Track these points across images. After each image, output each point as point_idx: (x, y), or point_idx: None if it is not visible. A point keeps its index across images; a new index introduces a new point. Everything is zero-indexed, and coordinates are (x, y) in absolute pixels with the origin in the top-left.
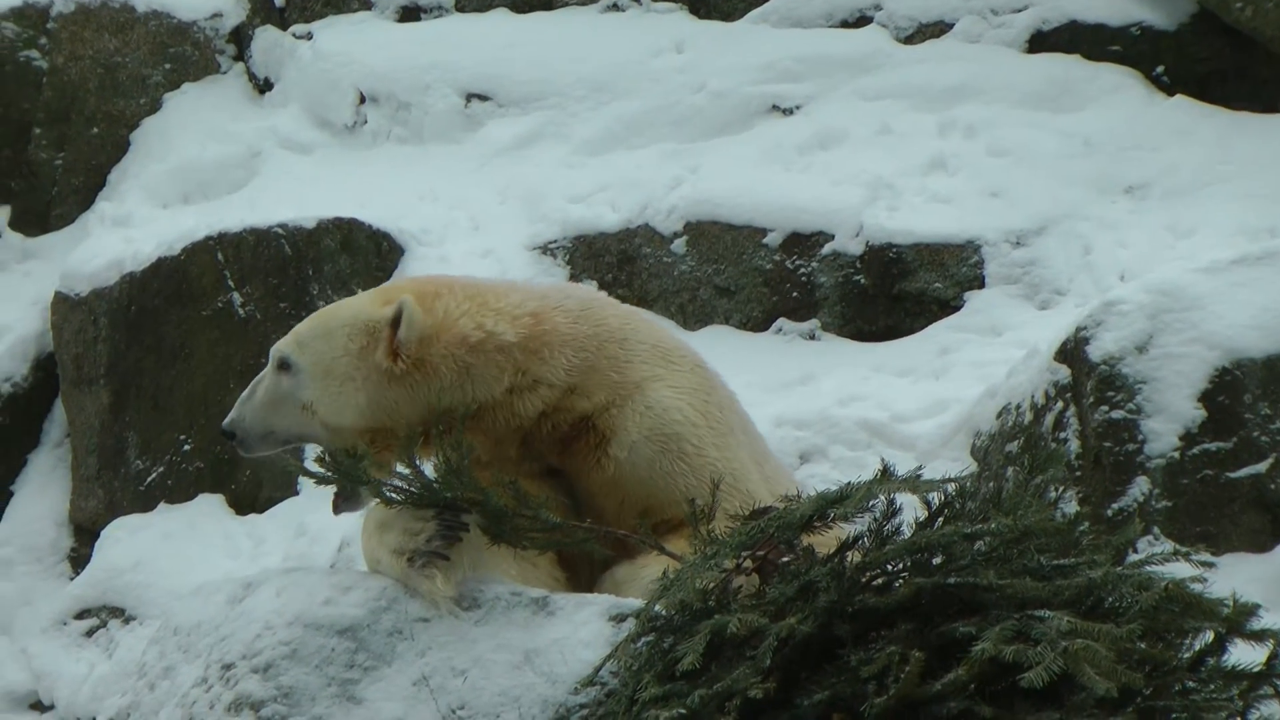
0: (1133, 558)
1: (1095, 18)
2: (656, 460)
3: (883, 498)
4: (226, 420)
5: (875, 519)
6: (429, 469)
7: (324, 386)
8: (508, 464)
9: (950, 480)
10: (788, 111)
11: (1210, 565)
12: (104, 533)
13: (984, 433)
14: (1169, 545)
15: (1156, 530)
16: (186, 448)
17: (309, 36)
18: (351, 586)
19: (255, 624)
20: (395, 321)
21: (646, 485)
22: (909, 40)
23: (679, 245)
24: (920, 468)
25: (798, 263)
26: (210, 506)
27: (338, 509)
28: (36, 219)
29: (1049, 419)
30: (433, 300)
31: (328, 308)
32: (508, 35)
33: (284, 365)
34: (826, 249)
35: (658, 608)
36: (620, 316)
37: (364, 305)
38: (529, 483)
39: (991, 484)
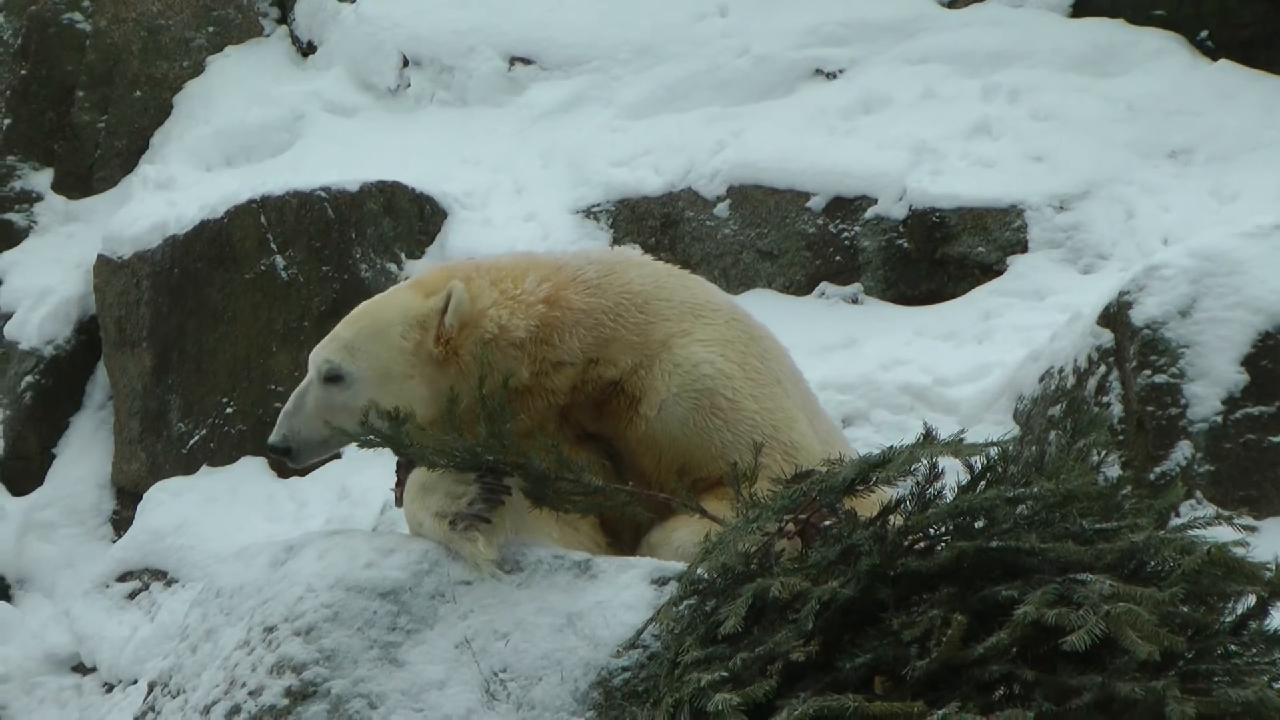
0: (1175, 522)
1: None
2: (689, 417)
3: (925, 462)
4: (276, 436)
5: (918, 483)
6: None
7: (385, 389)
8: (548, 434)
9: (993, 444)
10: (831, 76)
11: (1253, 529)
12: (146, 495)
13: (1026, 397)
14: (1211, 509)
15: (1199, 494)
16: (229, 410)
17: (353, 0)
18: (393, 549)
19: (297, 587)
20: (443, 311)
21: (680, 443)
22: (953, 5)
23: (722, 209)
24: (963, 431)
25: (841, 227)
26: (252, 469)
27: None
28: (79, 182)
29: (1092, 383)
30: (466, 286)
31: (364, 308)
32: None
33: (335, 377)
34: (870, 213)
35: (700, 571)
36: (647, 276)
37: (408, 300)
38: (570, 447)
39: (1034, 448)
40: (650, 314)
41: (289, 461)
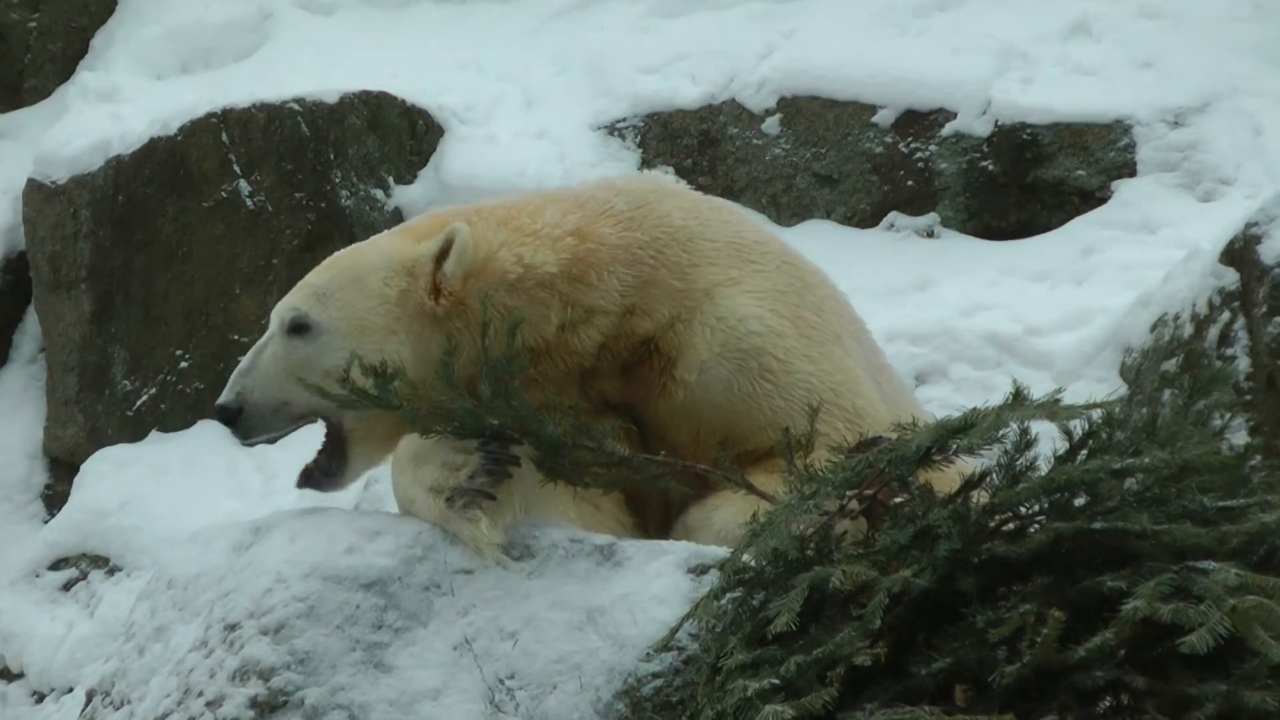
0: None
1: None
2: (733, 381)
3: (1014, 427)
4: (226, 397)
5: (1005, 452)
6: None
7: (360, 343)
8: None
9: (1095, 405)
10: None
11: None
12: (85, 467)
13: (1135, 349)
14: None
15: None
16: (183, 365)
17: None
18: (380, 531)
19: (265, 576)
20: (440, 256)
21: (724, 411)
22: None
23: (771, 125)
24: (1059, 391)
25: (913, 146)
26: (212, 435)
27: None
28: (6, 93)
29: (1213, 332)
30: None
31: (341, 254)
32: None
33: (299, 327)
34: (947, 129)
35: (746, 557)
36: (686, 209)
37: (395, 244)
38: (589, 418)
39: (1145, 410)
40: (695, 254)
41: (235, 433)
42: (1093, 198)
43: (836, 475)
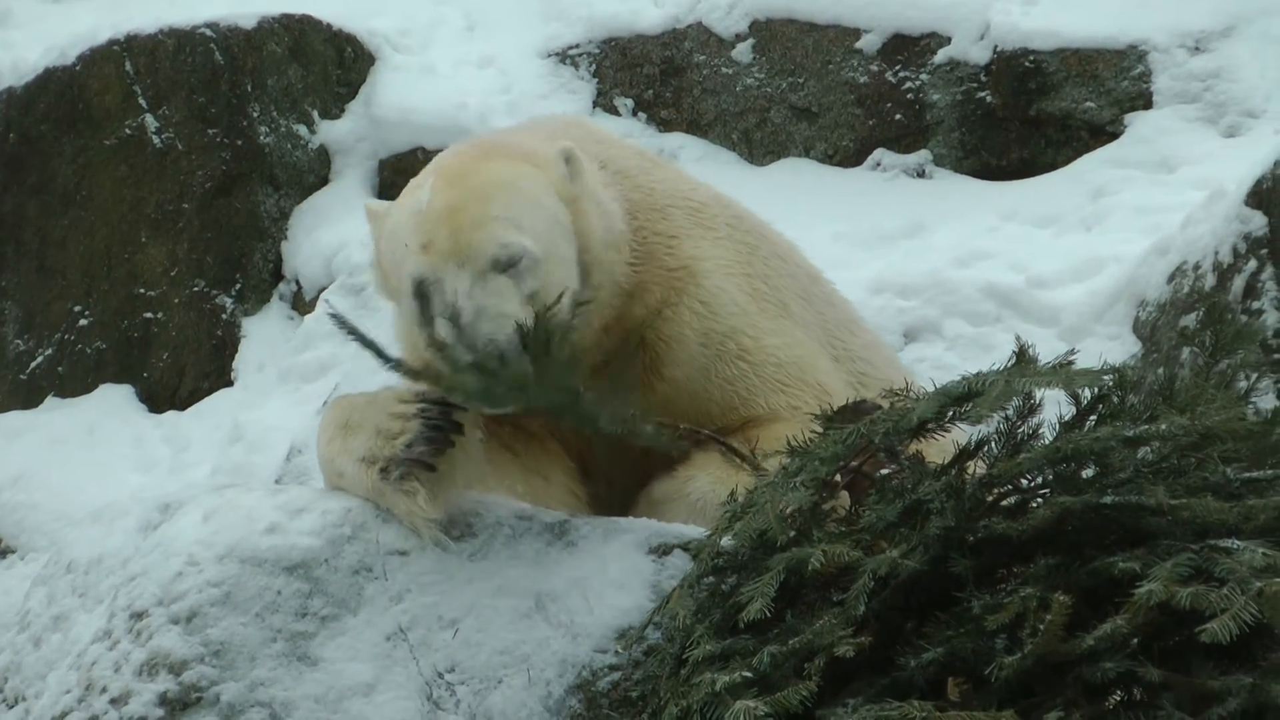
0: None
1: None
2: (712, 368)
3: (1019, 391)
4: (497, 338)
5: (1006, 419)
6: None
7: (561, 275)
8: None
9: (1107, 368)
10: None
11: None
12: None
13: (1151, 302)
14: None
15: None
16: (84, 322)
17: None
18: (304, 508)
19: (175, 559)
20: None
21: (700, 399)
22: None
23: (743, 51)
24: (1072, 352)
25: (902, 75)
26: (116, 401)
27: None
28: None
29: (1238, 283)
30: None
31: (482, 176)
32: None
33: (515, 261)
34: (941, 56)
35: (726, 540)
36: (634, 161)
37: (538, 171)
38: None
39: (1161, 371)
40: (672, 223)
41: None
42: (1103, 133)
43: (826, 448)
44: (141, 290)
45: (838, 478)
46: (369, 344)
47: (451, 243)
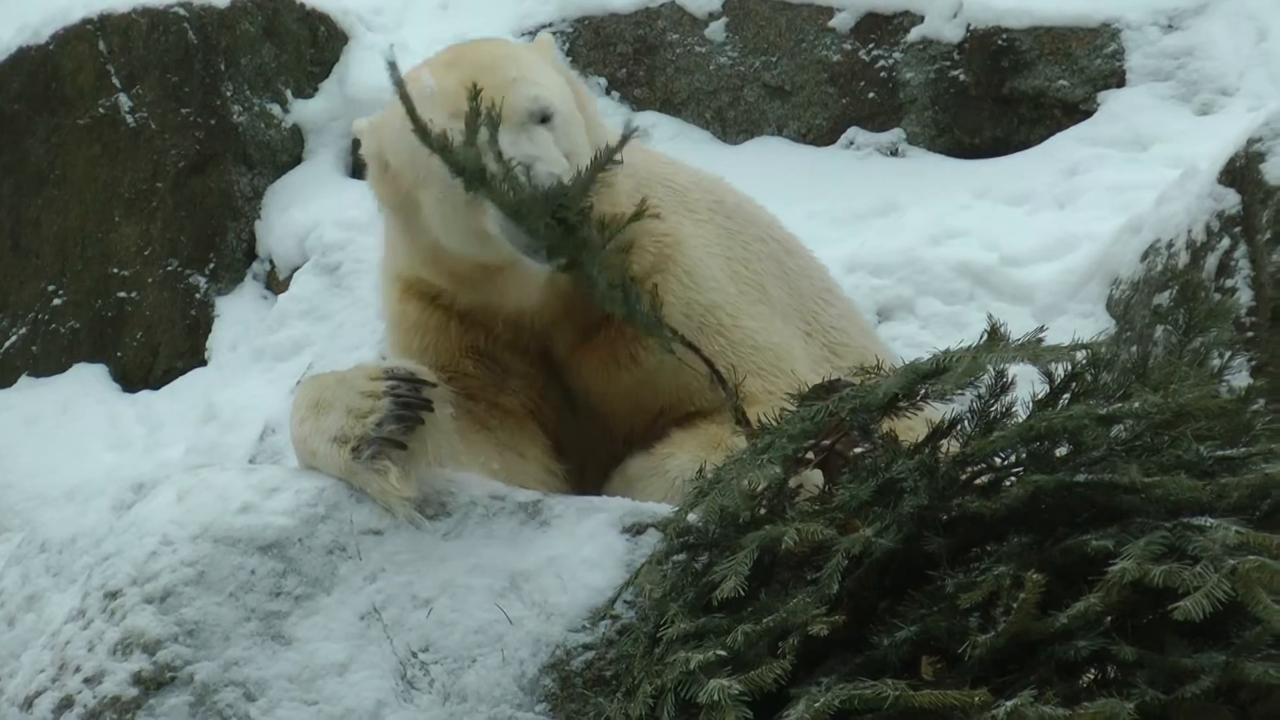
0: None
1: None
2: (695, 341)
3: (991, 369)
4: (547, 174)
5: (979, 396)
6: None
7: (580, 138)
8: (516, 379)
9: (1080, 345)
10: None
11: None
12: None
13: (1124, 280)
14: None
15: None
16: (57, 302)
17: None
18: (277, 488)
19: (149, 538)
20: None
21: (683, 373)
22: None
23: (716, 29)
24: (1042, 329)
25: (875, 53)
26: (89, 380)
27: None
28: None
29: (1211, 261)
30: None
31: (485, 53)
32: None
33: (548, 115)
34: (914, 34)
35: (692, 517)
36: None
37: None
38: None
39: (1134, 349)
40: (657, 200)
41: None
42: (1077, 111)
43: (794, 425)
44: (115, 270)
45: (810, 455)
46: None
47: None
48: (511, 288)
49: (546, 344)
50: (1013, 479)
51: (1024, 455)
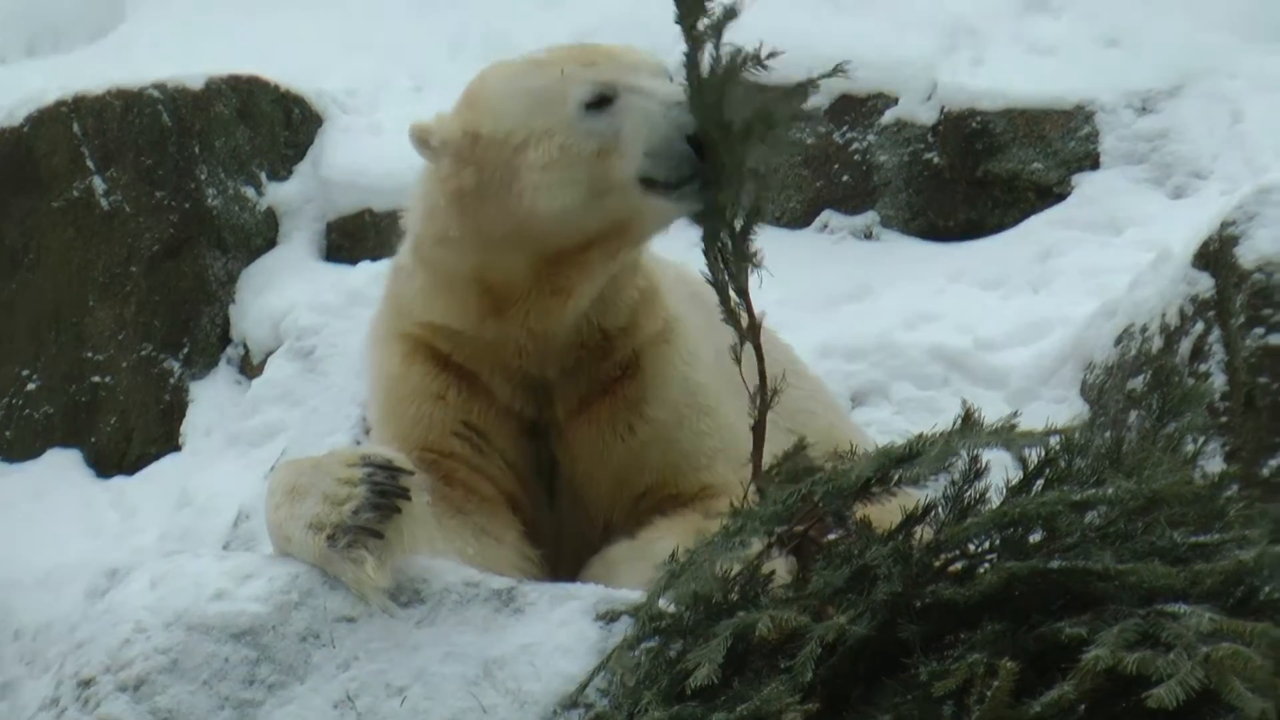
0: None
1: None
2: (687, 417)
3: (964, 454)
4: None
5: (953, 482)
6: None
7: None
8: (500, 460)
9: (1054, 430)
10: None
11: None
12: None
13: (1098, 365)
14: None
15: None
16: (31, 386)
17: None
18: (251, 574)
19: (124, 625)
20: None
21: (672, 450)
22: None
23: None
24: (1015, 413)
25: (849, 135)
26: (63, 465)
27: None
28: None
29: (1185, 345)
30: None
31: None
32: None
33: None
34: (888, 116)
35: (663, 602)
36: None
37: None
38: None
39: (1108, 434)
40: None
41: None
42: (1051, 193)
43: (765, 509)
44: (89, 354)
45: (783, 542)
46: None
47: (613, 56)
48: (578, 280)
49: (543, 409)
50: (986, 565)
51: (998, 541)
